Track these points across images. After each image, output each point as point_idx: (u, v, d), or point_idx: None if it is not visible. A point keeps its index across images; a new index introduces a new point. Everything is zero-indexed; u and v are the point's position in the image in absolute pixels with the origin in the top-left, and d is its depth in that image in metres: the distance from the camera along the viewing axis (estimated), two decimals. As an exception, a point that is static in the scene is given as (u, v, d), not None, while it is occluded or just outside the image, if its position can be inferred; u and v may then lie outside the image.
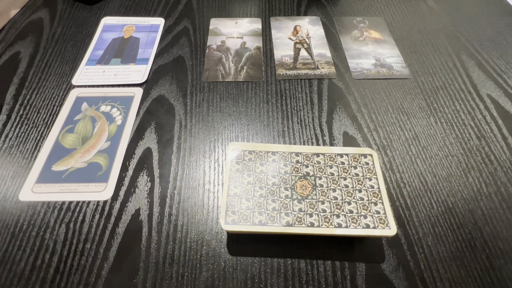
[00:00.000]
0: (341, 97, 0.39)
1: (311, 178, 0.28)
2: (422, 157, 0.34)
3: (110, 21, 0.48)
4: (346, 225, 0.25)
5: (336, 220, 0.25)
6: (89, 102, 0.37)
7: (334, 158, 0.29)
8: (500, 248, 0.28)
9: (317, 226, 0.25)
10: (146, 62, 0.42)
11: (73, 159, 0.32)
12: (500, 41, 0.46)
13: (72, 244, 0.28)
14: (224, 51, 0.44)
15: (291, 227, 0.25)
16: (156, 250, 0.27)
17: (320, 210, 0.26)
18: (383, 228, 0.25)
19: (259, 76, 0.41)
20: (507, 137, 0.36)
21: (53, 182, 0.31)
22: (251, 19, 0.49)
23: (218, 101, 0.38)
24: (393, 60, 0.44)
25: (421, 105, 0.38)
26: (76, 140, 0.34)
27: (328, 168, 0.28)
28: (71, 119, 0.36)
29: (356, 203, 0.26)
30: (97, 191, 0.30)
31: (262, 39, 0.46)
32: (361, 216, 0.26)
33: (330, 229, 0.25)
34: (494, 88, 0.40)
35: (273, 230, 0.25)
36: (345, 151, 0.29)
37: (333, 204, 0.26)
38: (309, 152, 0.29)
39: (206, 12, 0.50)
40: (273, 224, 0.25)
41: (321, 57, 0.44)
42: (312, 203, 0.26)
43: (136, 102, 0.38)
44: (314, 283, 0.26)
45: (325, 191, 0.27)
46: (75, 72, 0.40)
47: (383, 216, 0.26)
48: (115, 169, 0.32)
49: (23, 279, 0.26)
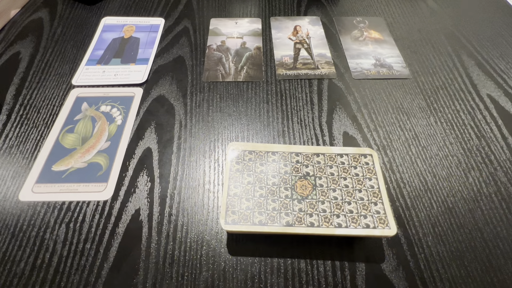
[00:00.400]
0: (341, 97, 0.39)
1: (311, 178, 0.28)
2: (422, 157, 0.34)
3: (110, 21, 0.48)
4: (346, 225, 0.25)
5: (336, 220, 0.25)
6: (89, 102, 0.37)
7: (334, 158, 0.29)
8: (500, 248, 0.28)
9: (317, 226, 0.25)
10: (146, 62, 0.42)
11: (73, 159, 0.32)
12: (500, 41, 0.46)
13: (72, 244, 0.28)
14: (224, 51, 0.44)
15: (291, 227, 0.25)
16: (156, 250, 0.27)
17: (320, 210, 0.26)
18: (383, 228, 0.25)
19: (259, 76, 0.41)
20: (507, 137, 0.36)
21: (53, 182, 0.31)
22: (251, 19, 0.49)
23: (218, 101, 0.38)
24: (393, 60, 0.44)
25: (421, 105, 0.38)
26: (76, 140, 0.34)
27: (328, 168, 0.28)
28: (71, 119, 0.36)
29: (356, 203, 0.26)
30: (97, 191, 0.30)
31: (262, 39, 0.46)
32: (361, 216, 0.26)
33: (330, 229, 0.25)
34: (494, 88, 0.40)
35: (273, 230, 0.25)
36: (345, 151, 0.29)
37: (333, 204, 0.26)
38: (309, 152, 0.29)
39: (206, 12, 0.50)
40: (273, 224, 0.25)
41: (321, 57, 0.44)
42: (312, 203, 0.26)
43: (136, 102, 0.38)
44: (314, 283, 0.26)
45: (325, 191, 0.27)
46: (75, 72, 0.40)
47: (383, 216, 0.26)
48: (115, 169, 0.32)
49: (23, 279, 0.26)
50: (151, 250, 0.27)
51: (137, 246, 0.28)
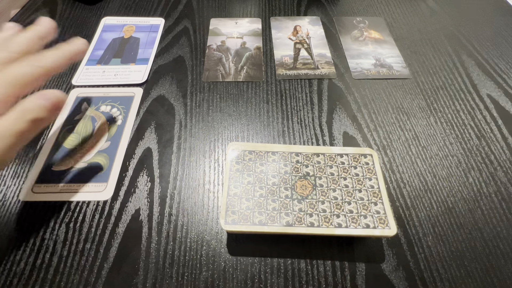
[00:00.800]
0: (341, 97, 0.39)
1: (311, 178, 0.28)
2: (422, 157, 0.34)
3: (110, 21, 0.47)
4: (346, 225, 0.25)
5: (336, 220, 0.25)
6: (89, 102, 0.37)
7: (334, 158, 0.29)
8: (500, 248, 0.28)
9: (317, 226, 0.25)
10: (146, 62, 0.42)
11: (73, 159, 0.32)
12: (500, 41, 0.46)
13: (72, 244, 0.28)
14: (224, 51, 0.44)
15: (291, 227, 0.25)
16: (156, 250, 0.27)
17: (320, 210, 0.26)
18: (383, 228, 0.25)
19: (259, 76, 0.41)
20: (507, 137, 0.36)
21: (53, 182, 0.31)
22: (251, 19, 0.49)
23: (218, 101, 0.38)
24: (393, 60, 0.44)
25: (421, 105, 0.38)
26: (76, 140, 0.34)
27: (328, 168, 0.28)
28: (71, 119, 0.36)
29: (356, 203, 0.26)
30: (97, 191, 0.30)
31: (262, 39, 0.46)
32: (361, 216, 0.26)
33: (330, 229, 0.25)
34: (494, 88, 0.40)
35: (273, 230, 0.25)
36: (345, 151, 0.29)
37: (333, 204, 0.26)
38: (309, 152, 0.29)
39: (206, 12, 0.50)
40: (273, 224, 0.25)
41: (321, 57, 0.44)
42: (312, 203, 0.26)
43: (136, 102, 0.38)
44: (314, 283, 0.26)
45: (325, 191, 0.27)
46: (75, 72, 0.40)
47: (383, 216, 0.26)
48: (115, 169, 0.32)
49: (23, 279, 0.26)
50: (151, 250, 0.27)
51: (137, 246, 0.28)
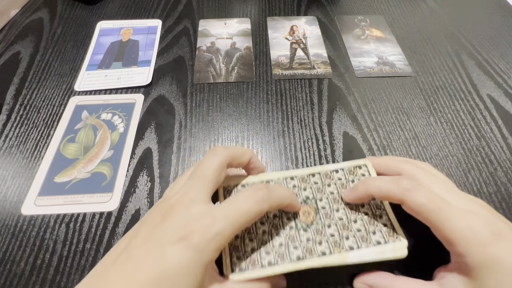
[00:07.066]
0: (341, 97, 0.39)
1: (311, 202, 0.26)
2: (422, 157, 0.34)
3: (106, 25, 0.47)
4: (358, 246, 0.23)
5: (347, 242, 0.24)
6: (89, 110, 0.37)
7: (330, 175, 0.27)
8: (500, 248, 0.28)
9: (329, 254, 0.23)
10: (148, 64, 0.42)
11: (75, 169, 0.32)
12: (500, 41, 0.46)
13: (72, 244, 0.28)
14: (214, 52, 0.44)
15: (303, 261, 0.23)
16: (156, 250, 0.27)
17: (329, 235, 0.24)
18: (394, 241, 0.24)
19: (250, 76, 0.41)
20: (507, 137, 0.36)
21: (56, 194, 0.30)
22: (240, 19, 0.49)
23: (218, 101, 0.38)
24: (395, 58, 0.44)
25: (421, 105, 0.38)
26: (78, 150, 0.33)
27: (326, 188, 0.27)
28: (71, 128, 0.35)
29: (362, 220, 0.25)
30: (103, 202, 0.30)
31: (252, 39, 0.46)
32: (370, 233, 0.24)
33: (342, 254, 0.23)
34: (494, 88, 0.40)
35: (286, 269, 0.22)
36: (340, 165, 0.28)
37: (339, 226, 0.25)
38: (304, 173, 0.27)
39: (206, 12, 0.50)
40: (283, 263, 0.23)
41: (317, 57, 0.44)
42: (318, 229, 0.24)
43: (138, 108, 0.37)
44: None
45: (328, 213, 0.25)
46: (76, 74, 0.40)
47: (390, 229, 0.24)
48: (120, 179, 0.31)
49: (23, 279, 0.26)
50: (151, 250, 0.27)
51: (137, 246, 0.27)
